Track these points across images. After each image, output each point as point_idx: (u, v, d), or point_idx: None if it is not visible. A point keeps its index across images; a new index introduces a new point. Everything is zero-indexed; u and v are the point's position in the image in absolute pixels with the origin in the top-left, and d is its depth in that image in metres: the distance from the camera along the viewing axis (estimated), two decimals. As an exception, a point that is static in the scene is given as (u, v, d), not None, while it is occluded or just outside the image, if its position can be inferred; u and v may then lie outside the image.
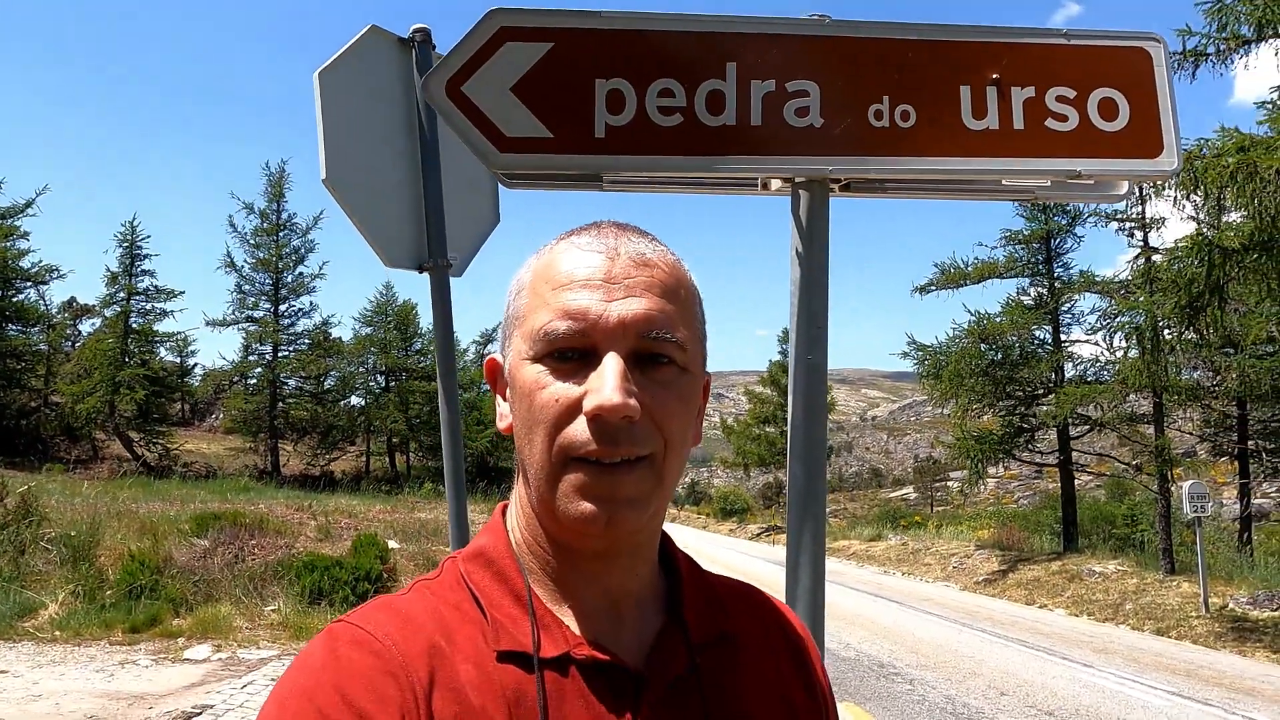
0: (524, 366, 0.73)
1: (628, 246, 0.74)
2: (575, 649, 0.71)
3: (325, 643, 0.69)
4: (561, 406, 0.69)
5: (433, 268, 2.34)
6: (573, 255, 0.74)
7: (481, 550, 0.77)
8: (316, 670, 0.66)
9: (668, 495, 0.75)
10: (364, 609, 0.73)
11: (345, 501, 19.87)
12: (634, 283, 0.72)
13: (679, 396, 0.73)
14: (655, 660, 0.74)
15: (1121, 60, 1.68)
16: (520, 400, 0.73)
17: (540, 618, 0.72)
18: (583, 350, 0.71)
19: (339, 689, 0.64)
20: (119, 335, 31.01)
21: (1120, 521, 23.40)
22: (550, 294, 0.73)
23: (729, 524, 41.14)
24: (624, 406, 0.67)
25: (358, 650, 0.67)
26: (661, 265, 0.75)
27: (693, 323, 0.76)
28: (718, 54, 1.62)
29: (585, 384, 0.69)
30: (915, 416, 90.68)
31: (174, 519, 12.36)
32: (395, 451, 38.36)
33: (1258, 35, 10.06)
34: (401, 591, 0.77)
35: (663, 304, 0.72)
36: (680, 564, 0.83)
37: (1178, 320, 10.54)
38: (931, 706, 7.49)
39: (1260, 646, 10.82)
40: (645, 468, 0.70)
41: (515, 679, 0.68)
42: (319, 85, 2.12)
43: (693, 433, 0.76)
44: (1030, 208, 20.16)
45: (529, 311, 0.74)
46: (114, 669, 7.39)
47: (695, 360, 0.76)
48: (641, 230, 0.79)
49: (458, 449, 2.32)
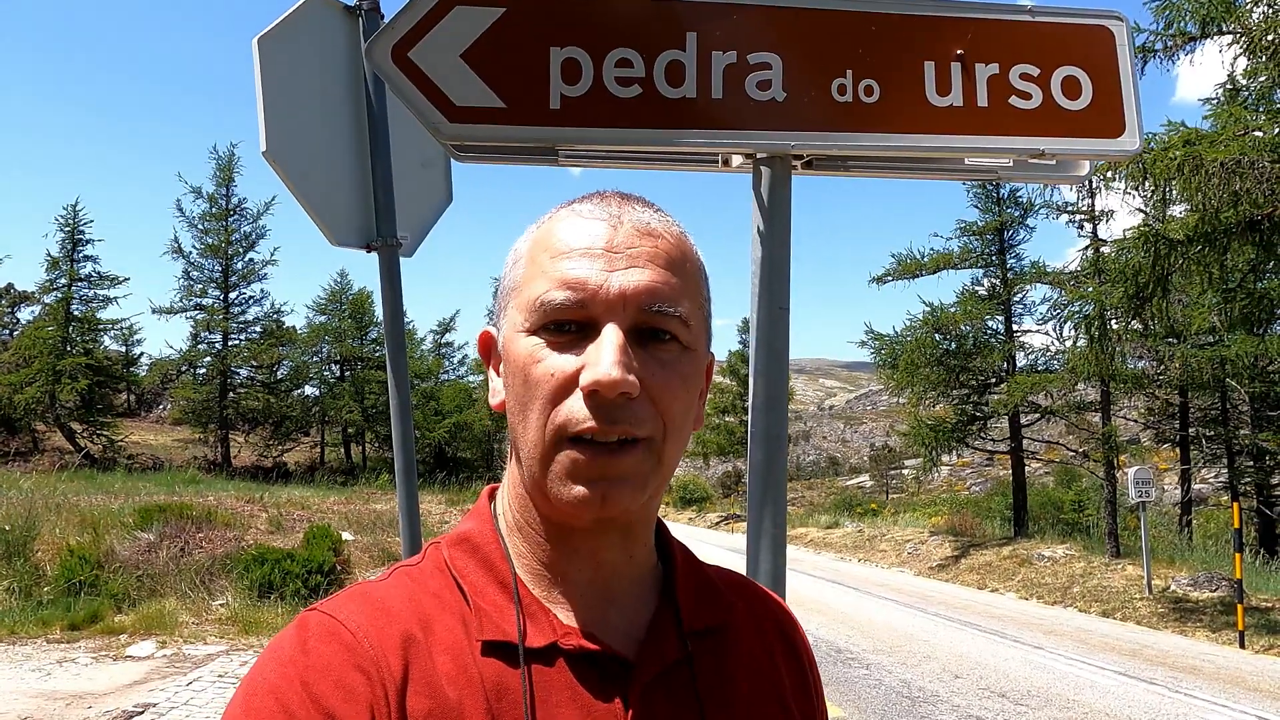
0: (519, 339, 0.69)
1: (631, 215, 0.71)
2: (563, 639, 0.68)
3: (296, 634, 0.67)
4: (557, 381, 0.66)
5: (381, 246, 2.25)
6: (573, 223, 0.71)
7: (466, 535, 0.75)
8: (285, 664, 0.64)
9: (666, 477, 0.72)
10: (338, 597, 0.70)
11: (299, 493, 19.49)
12: (637, 253, 0.69)
13: (681, 376, 0.69)
14: (647, 647, 0.71)
15: (1084, 38, 1.66)
16: (514, 374, 0.69)
17: (526, 606, 0.70)
18: (581, 322, 0.67)
19: (306, 686, 0.62)
20: (60, 323, 30.02)
21: (1068, 507, 24.08)
22: (548, 263, 0.69)
23: (688, 513, 41.35)
24: (622, 382, 0.64)
25: (328, 642, 0.65)
26: (666, 236, 0.71)
27: (697, 298, 0.73)
28: (678, 23, 1.56)
29: (583, 357, 0.66)
30: (871, 405, 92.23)
31: (117, 512, 11.97)
32: (351, 442, 37.77)
33: (1202, 32, 10.32)
34: (380, 577, 0.73)
35: (667, 276, 0.69)
36: (674, 552, 0.80)
37: (1125, 310, 10.80)
38: (888, 690, 7.59)
39: (1200, 626, 11.21)
40: (643, 449, 0.67)
41: (496, 671, 0.66)
42: (258, 52, 2.01)
43: (695, 414, 0.73)
44: (985, 198, 20.53)
45: (526, 281, 0.71)
46: (51, 667, 7.12)
47: (699, 338, 0.72)
48: (646, 200, 0.75)
49: (408, 434, 2.23)
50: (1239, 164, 8.61)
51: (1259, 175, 8.59)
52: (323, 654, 0.64)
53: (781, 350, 1.63)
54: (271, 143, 2.03)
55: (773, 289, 1.63)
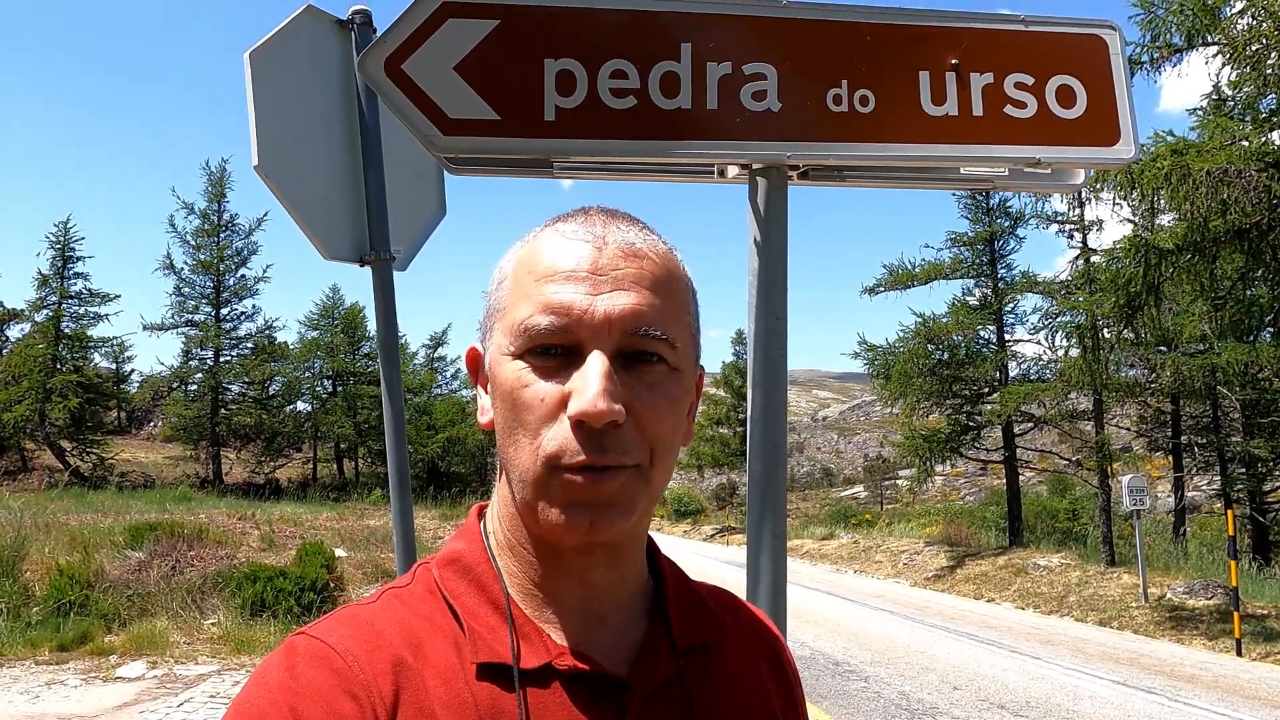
0: (504, 363, 0.69)
1: (616, 235, 0.70)
2: (558, 659, 0.68)
3: (284, 658, 0.66)
4: (545, 408, 0.66)
5: (375, 260, 2.23)
6: (557, 244, 0.70)
7: (457, 556, 0.74)
8: (273, 690, 0.63)
9: (655, 498, 0.71)
10: (327, 620, 0.70)
11: (291, 509, 19.33)
12: (622, 275, 0.68)
13: (668, 398, 0.69)
14: (640, 666, 0.71)
15: (1078, 48, 1.67)
16: (501, 398, 0.69)
17: (520, 627, 0.69)
18: (566, 346, 0.67)
19: (295, 712, 0.61)
20: (50, 340, 29.84)
21: (1063, 516, 24.09)
22: (532, 286, 0.69)
23: (683, 525, 41.21)
24: (608, 412, 0.63)
25: (317, 667, 0.64)
26: (652, 256, 0.70)
27: (684, 317, 0.72)
28: (672, 34, 1.56)
29: (569, 383, 0.65)
30: (865, 416, 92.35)
31: (107, 531, 11.85)
32: (343, 458, 37.56)
33: (1188, 44, 10.43)
34: (368, 599, 0.73)
35: (652, 299, 0.68)
36: (665, 570, 0.80)
37: (1116, 319, 10.85)
38: (887, 703, 7.54)
39: (1197, 634, 11.19)
40: (631, 474, 0.67)
41: (490, 695, 0.65)
42: (249, 66, 2.00)
43: (684, 431, 0.73)
44: (975, 209, 20.64)
45: (510, 304, 0.70)
46: (39, 690, 7.02)
47: (686, 358, 0.72)
48: (632, 217, 0.74)
49: (402, 449, 2.21)
50: (1226, 173, 8.68)
51: (1246, 184, 8.66)
52: (312, 679, 0.63)
53: (779, 361, 1.62)
54: (264, 157, 2.02)
55: (770, 300, 1.62)
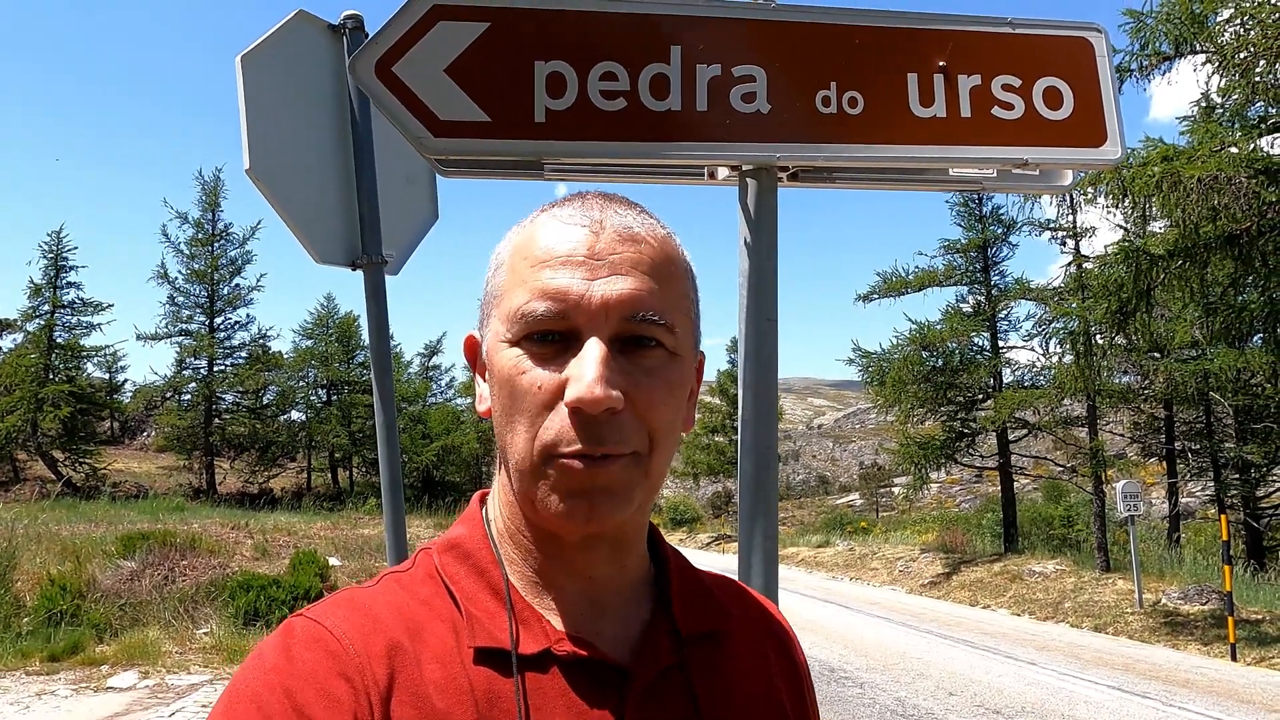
0: (501, 350, 0.68)
1: (613, 219, 0.69)
2: (556, 645, 0.67)
3: (280, 640, 0.66)
4: (542, 395, 0.65)
5: (366, 264, 2.24)
6: (553, 229, 0.69)
7: (457, 541, 0.73)
8: (268, 671, 0.63)
9: (655, 486, 0.71)
10: (325, 603, 0.69)
11: (285, 519, 19.25)
12: (619, 260, 0.67)
13: (666, 384, 0.68)
14: (641, 653, 0.70)
15: (1065, 50, 1.68)
16: (499, 386, 0.69)
17: (519, 612, 0.68)
18: (563, 333, 0.66)
19: (289, 693, 0.61)
20: (42, 350, 29.70)
21: (1057, 522, 24.13)
22: (528, 271, 0.68)
23: (679, 533, 41.14)
24: (606, 399, 0.63)
25: (312, 649, 0.64)
26: (650, 240, 0.70)
27: (683, 302, 0.71)
28: (662, 37, 1.57)
29: (566, 370, 0.65)
30: (860, 424, 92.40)
31: (99, 541, 11.78)
32: (338, 467, 37.40)
33: (1176, 51, 10.51)
34: (369, 583, 0.72)
35: (650, 283, 0.68)
36: (668, 557, 0.79)
37: (1109, 325, 10.88)
38: (883, 709, 7.53)
39: (1192, 640, 11.20)
40: (629, 461, 0.66)
41: (488, 679, 0.65)
42: (241, 69, 2.01)
43: (684, 417, 0.72)
44: (968, 215, 20.72)
45: (506, 290, 0.70)
46: (29, 700, 6.96)
47: (685, 343, 0.71)
48: (629, 201, 0.73)
49: (394, 455, 2.21)
50: (1216, 180, 8.74)
51: (1236, 191, 8.72)
52: (307, 661, 0.63)
53: (770, 362, 1.62)
54: (255, 160, 2.02)
55: (760, 301, 1.62)
